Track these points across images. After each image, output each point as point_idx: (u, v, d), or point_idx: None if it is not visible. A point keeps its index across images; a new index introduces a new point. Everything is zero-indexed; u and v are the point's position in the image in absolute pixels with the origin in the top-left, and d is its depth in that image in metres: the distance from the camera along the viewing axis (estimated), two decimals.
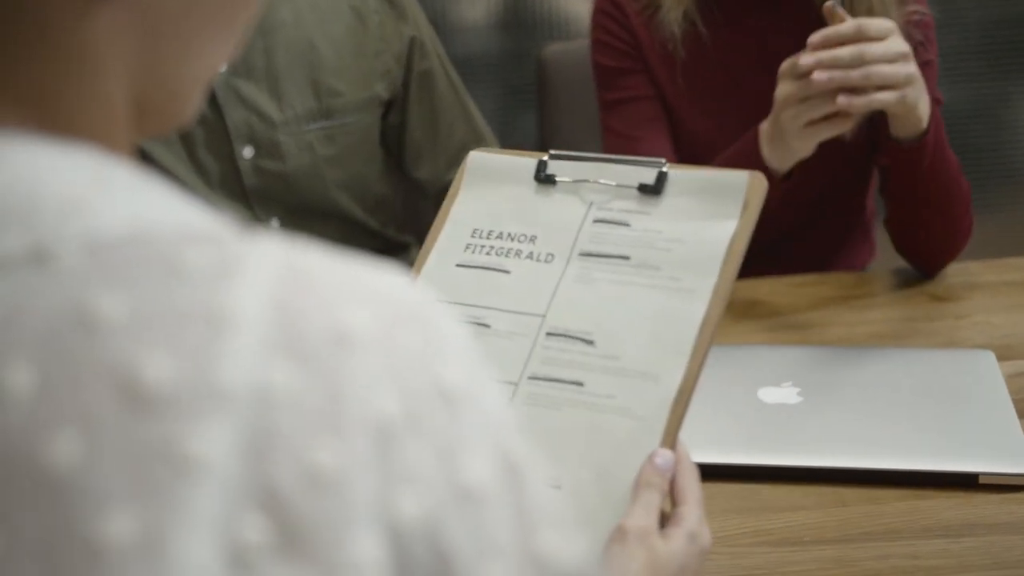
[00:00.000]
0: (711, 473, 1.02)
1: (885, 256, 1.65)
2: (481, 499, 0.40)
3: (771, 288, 1.47)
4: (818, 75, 1.22)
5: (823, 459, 1.02)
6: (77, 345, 0.37)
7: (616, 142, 1.55)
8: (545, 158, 0.86)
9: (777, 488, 1.00)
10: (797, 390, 1.13)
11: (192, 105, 0.49)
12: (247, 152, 1.52)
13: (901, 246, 1.50)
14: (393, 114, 1.62)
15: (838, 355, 1.23)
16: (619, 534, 0.69)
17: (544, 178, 0.85)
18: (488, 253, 0.84)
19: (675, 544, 0.70)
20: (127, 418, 0.37)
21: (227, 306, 0.39)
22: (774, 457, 1.02)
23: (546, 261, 0.82)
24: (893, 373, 1.17)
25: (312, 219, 1.59)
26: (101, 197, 0.41)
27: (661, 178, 0.82)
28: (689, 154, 1.54)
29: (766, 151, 1.35)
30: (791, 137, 1.29)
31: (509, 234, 0.84)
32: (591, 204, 0.83)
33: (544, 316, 0.80)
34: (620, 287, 0.79)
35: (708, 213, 0.79)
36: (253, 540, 0.36)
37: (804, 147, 1.30)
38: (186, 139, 1.50)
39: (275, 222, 1.57)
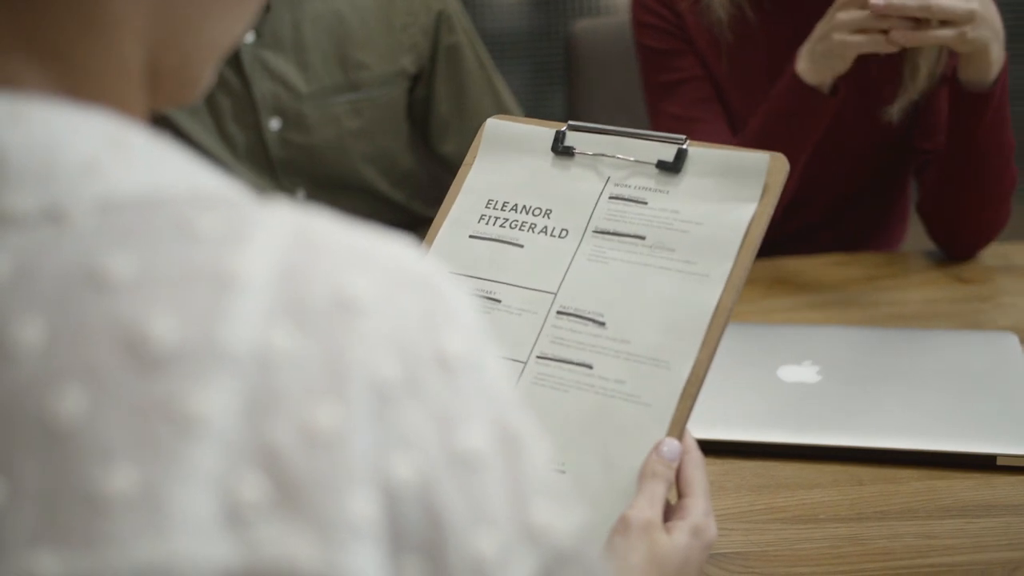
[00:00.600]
0: (727, 450, 1.02)
1: (915, 238, 1.64)
2: (476, 466, 0.41)
3: (797, 267, 1.47)
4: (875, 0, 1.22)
5: (839, 438, 1.01)
6: (85, 302, 0.38)
7: (672, 126, 1.52)
8: (563, 129, 0.84)
9: (793, 466, 1.00)
10: (817, 369, 1.13)
11: (206, 75, 0.50)
12: (274, 124, 1.52)
13: (935, 227, 1.49)
14: (420, 88, 1.62)
15: (860, 335, 1.23)
16: (622, 525, 0.69)
17: (562, 150, 0.84)
18: (502, 225, 0.83)
19: (678, 537, 0.69)
20: (132, 375, 0.37)
21: (235, 269, 0.39)
22: (791, 435, 1.02)
23: (560, 237, 0.81)
24: (914, 354, 1.17)
25: (338, 192, 1.60)
26: (117, 159, 0.41)
27: (680, 155, 0.80)
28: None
29: (802, 65, 1.34)
30: (836, 43, 1.28)
31: (524, 207, 0.83)
32: (608, 179, 0.82)
33: (555, 294, 0.79)
34: (634, 268, 0.78)
35: (727, 195, 0.78)
36: (250, 497, 0.37)
37: (845, 54, 1.29)
38: (214, 110, 1.51)
39: (301, 194, 1.58)
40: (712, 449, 1.02)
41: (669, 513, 0.72)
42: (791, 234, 1.55)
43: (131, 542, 0.36)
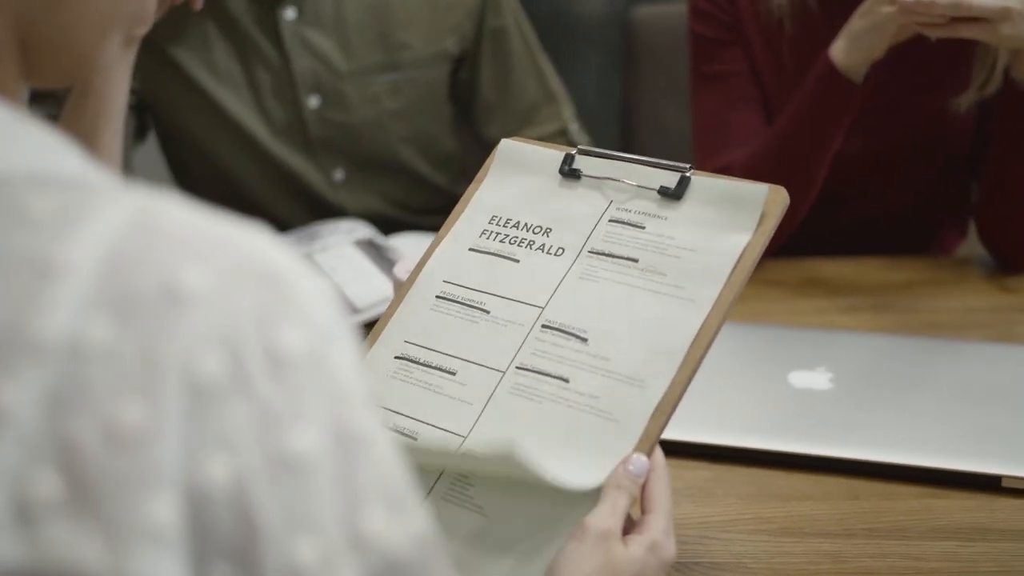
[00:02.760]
0: (721, 456, 1.00)
1: (972, 244, 1.58)
2: (301, 470, 0.39)
3: (834, 269, 1.43)
4: None
5: (837, 449, 0.98)
6: None
7: (707, 124, 1.50)
8: (573, 152, 0.86)
9: (788, 476, 0.97)
10: (830, 375, 1.09)
11: (100, 52, 0.49)
12: (313, 101, 1.52)
13: (988, 236, 1.44)
14: (464, 70, 1.61)
15: (883, 342, 1.18)
16: (579, 531, 0.68)
17: (568, 172, 0.85)
18: (502, 240, 0.84)
19: (635, 551, 0.68)
20: None
21: (60, 255, 0.38)
22: (788, 444, 0.99)
23: (556, 255, 0.82)
24: (936, 364, 1.12)
25: (376, 173, 1.59)
26: None
27: (683, 183, 0.81)
28: None
29: (839, 44, 1.31)
30: (881, 15, 1.24)
31: (526, 224, 0.84)
32: (610, 203, 0.83)
33: (543, 308, 0.80)
34: (623, 288, 0.79)
35: (723, 224, 0.79)
36: (41, 495, 0.36)
37: (886, 27, 1.25)
38: (253, 84, 1.51)
39: (339, 173, 1.57)
40: (705, 454, 1.00)
41: (630, 527, 0.71)
42: (836, 227, 1.50)
43: None
